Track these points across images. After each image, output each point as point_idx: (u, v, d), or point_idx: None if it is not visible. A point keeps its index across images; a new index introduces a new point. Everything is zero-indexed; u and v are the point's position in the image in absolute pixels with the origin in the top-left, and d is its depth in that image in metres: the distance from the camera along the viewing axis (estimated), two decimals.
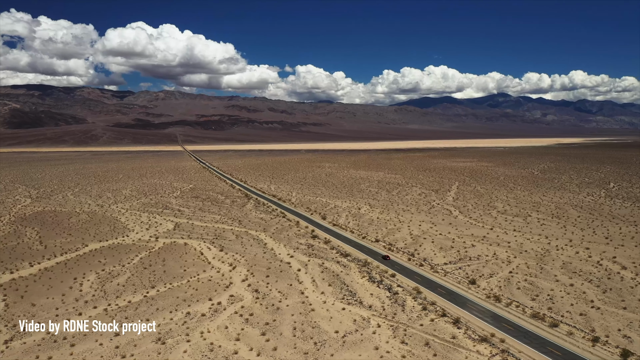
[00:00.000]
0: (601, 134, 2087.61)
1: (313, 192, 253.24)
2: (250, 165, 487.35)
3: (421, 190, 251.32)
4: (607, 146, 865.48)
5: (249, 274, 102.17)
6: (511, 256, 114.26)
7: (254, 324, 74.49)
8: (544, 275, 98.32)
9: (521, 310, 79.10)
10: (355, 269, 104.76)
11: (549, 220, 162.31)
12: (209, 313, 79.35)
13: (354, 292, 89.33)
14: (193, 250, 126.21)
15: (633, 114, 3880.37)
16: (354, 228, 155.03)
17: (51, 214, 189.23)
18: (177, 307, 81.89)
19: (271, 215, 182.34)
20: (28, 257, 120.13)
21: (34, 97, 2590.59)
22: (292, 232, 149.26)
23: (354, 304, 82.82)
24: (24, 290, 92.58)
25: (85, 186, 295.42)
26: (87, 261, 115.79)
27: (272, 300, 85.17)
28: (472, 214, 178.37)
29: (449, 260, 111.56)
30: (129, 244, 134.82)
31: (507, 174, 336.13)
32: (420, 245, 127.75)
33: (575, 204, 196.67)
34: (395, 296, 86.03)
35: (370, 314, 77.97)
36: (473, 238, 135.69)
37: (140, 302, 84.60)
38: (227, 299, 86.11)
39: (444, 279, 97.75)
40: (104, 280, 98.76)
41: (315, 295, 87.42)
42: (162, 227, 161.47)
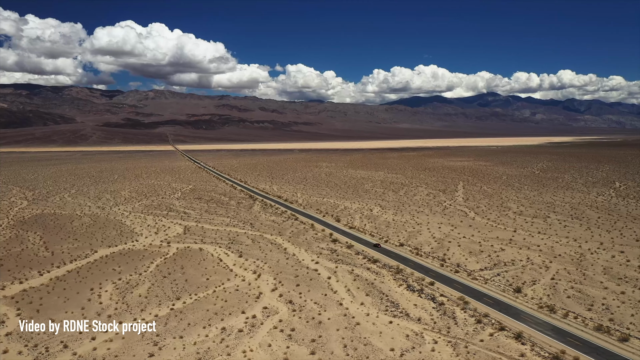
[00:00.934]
0: (590, 133, 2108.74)
1: (318, 193, 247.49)
2: (246, 165, 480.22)
3: (428, 191, 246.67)
4: (598, 145, 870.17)
5: (277, 282, 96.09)
6: (546, 261, 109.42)
7: (299, 341, 68.45)
8: (589, 282, 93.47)
9: (581, 322, 73.97)
10: (389, 277, 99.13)
11: (569, 221, 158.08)
12: (246, 328, 73.12)
13: (395, 302, 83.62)
14: (210, 256, 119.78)
15: (620, 113, 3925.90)
16: (372, 231, 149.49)
17: (52, 217, 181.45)
18: (210, 322, 75.51)
19: (282, 218, 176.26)
20: (36, 265, 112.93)
21: (21, 97, 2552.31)
22: (309, 236, 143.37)
23: (400, 316, 77.10)
24: (38, 303, 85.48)
25: (81, 187, 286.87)
26: (100, 269, 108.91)
27: (311, 312, 79.14)
28: (488, 215, 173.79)
29: (483, 266, 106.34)
30: (141, 250, 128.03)
31: (509, 174, 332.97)
32: (447, 250, 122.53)
33: (589, 204, 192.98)
34: (441, 307, 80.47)
35: (422, 327, 72.34)
36: (499, 241, 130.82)
37: (169, 316, 78.08)
38: (262, 312, 79.94)
39: (485, 286, 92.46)
40: (123, 291, 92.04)
41: (355, 307, 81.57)
42: (171, 230, 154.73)
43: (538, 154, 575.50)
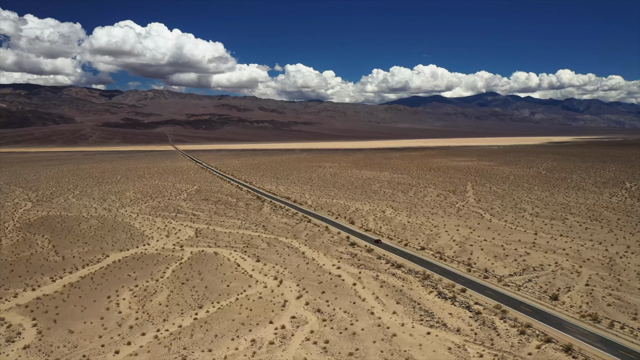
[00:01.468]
0: (589, 133, 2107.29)
1: (326, 194, 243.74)
2: (248, 165, 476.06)
3: (437, 192, 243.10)
4: (599, 144, 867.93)
5: (300, 289, 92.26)
6: (576, 265, 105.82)
7: (335, 355, 64.62)
8: (626, 288, 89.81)
9: (629, 332, 70.30)
10: (417, 283, 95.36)
11: (589, 223, 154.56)
12: (277, 340, 69.28)
13: (429, 311, 79.83)
14: (227, 260, 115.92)
15: (619, 112, 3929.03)
16: (389, 234, 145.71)
17: (58, 220, 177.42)
18: (238, 333, 71.65)
19: (294, 220, 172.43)
20: (47, 271, 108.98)
21: (20, 97, 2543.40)
22: (325, 239, 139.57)
23: (438, 327, 73.31)
24: (54, 313, 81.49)
25: (85, 188, 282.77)
26: (115, 275, 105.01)
27: (342, 323, 75.32)
28: (504, 217, 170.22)
29: (512, 272, 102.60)
30: (154, 254, 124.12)
31: (516, 174, 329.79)
32: (471, 254, 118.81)
33: (604, 205, 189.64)
34: (479, 316, 76.71)
35: (463, 339, 68.59)
36: (522, 245, 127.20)
37: (194, 327, 74.22)
38: (290, 322, 76.13)
39: (519, 293, 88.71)
40: (142, 299, 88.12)
41: (387, 316, 77.76)
42: (182, 233, 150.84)
43: (540, 153, 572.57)
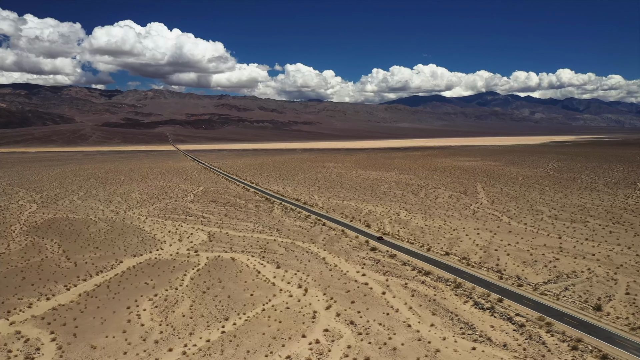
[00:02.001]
0: (590, 132, 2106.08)
1: (336, 195, 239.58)
2: (252, 165, 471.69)
3: (448, 193, 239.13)
4: (601, 144, 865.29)
5: (328, 299, 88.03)
6: (610, 272, 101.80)
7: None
8: None
9: None
10: (449, 292, 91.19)
11: (612, 226, 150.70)
12: (314, 356, 65.06)
13: (470, 324, 75.65)
14: (246, 267, 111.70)
15: (619, 111, 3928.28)
16: (409, 238, 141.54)
17: (66, 223, 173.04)
18: (271, 349, 67.42)
19: (308, 223, 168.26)
20: (60, 278, 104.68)
21: (20, 97, 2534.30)
22: (344, 244, 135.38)
23: (482, 341, 69.12)
24: (73, 326, 77.12)
25: (89, 189, 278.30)
26: (131, 282, 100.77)
27: (380, 337, 71.14)
28: (523, 219, 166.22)
29: (545, 279, 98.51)
30: (168, 260, 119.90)
31: (524, 174, 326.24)
32: (498, 260, 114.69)
33: (622, 207, 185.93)
34: (524, 329, 72.58)
35: (512, 356, 64.42)
36: (549, 249, 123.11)
37: (223, 342, 69.94)
38: (324, 335, 71.95)
39: (559, 303, 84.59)
40: (163, 310, 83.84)
41: (426, 329, 73.60)
42: (194, 237, 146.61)
43: (544, 153, 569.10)
